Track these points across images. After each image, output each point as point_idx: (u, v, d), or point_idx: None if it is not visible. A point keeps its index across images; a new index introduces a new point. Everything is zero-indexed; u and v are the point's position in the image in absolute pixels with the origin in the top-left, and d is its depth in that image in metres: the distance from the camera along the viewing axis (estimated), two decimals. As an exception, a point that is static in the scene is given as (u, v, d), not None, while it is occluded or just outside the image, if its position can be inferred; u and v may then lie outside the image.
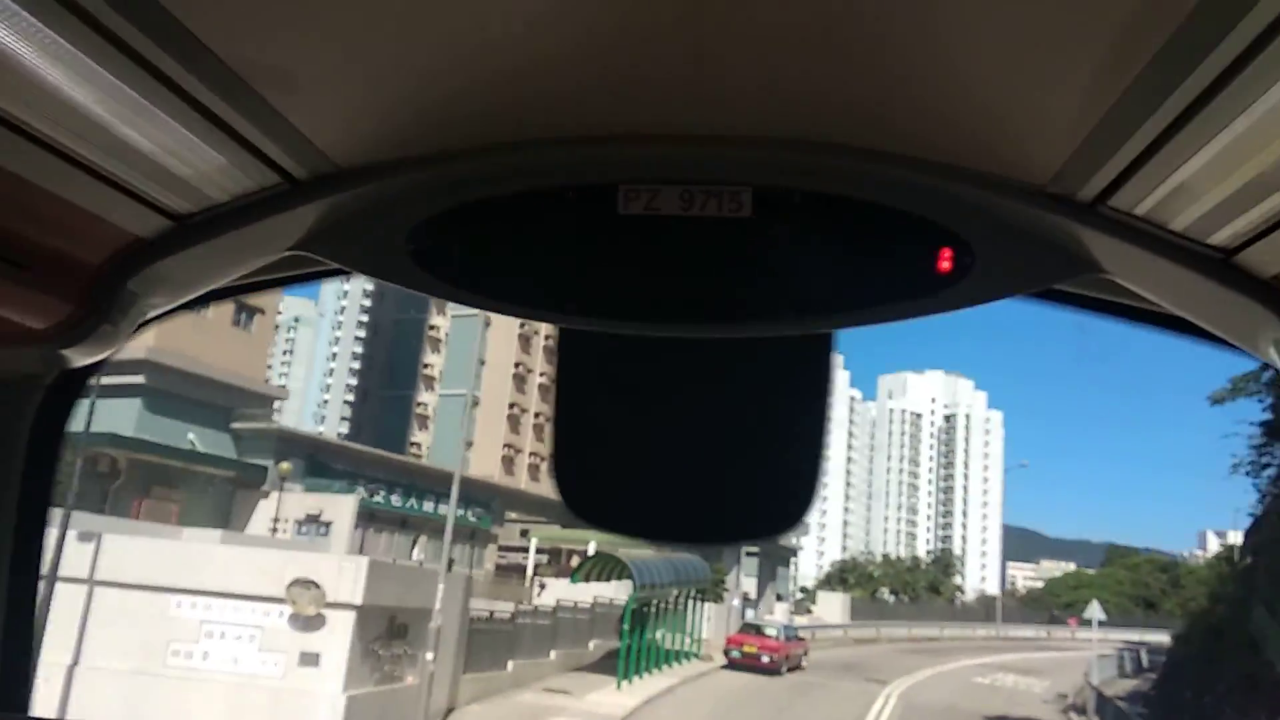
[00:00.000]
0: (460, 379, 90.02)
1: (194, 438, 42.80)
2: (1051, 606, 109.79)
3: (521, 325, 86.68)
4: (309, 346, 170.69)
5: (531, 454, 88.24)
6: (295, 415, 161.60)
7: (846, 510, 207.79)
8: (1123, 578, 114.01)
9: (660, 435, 1.61)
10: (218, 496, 42.97)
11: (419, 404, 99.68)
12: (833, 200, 1.41)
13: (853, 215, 1.41)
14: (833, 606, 76.06)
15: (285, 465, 43.16)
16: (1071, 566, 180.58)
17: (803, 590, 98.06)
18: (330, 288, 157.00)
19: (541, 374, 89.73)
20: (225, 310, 45.41)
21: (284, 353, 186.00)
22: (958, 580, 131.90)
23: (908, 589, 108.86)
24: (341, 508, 44.71)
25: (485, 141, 1.41)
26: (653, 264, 1.43)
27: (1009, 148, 1.30)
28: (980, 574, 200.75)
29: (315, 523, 44.21)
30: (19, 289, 1.37)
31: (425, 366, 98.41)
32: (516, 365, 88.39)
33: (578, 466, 1.61)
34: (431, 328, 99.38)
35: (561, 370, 1.60)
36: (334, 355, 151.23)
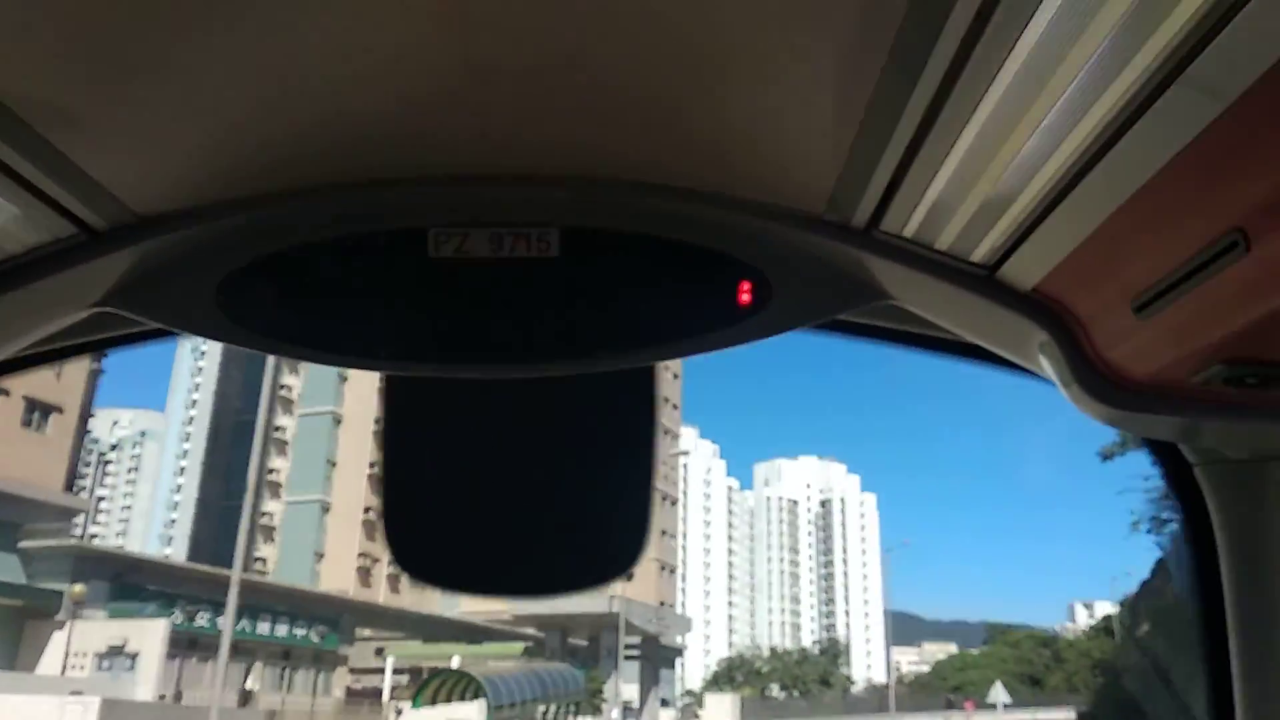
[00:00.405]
0: (309, 484, 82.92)
1: (-31, 561, 36.23)
2: (941, 691, 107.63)
3: (377, 422, 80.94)
4: (155, 461, 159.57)
5: (391, 563, 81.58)
6: (140, 538, 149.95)
7: (730, 605, 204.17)
8: (1006, 655, 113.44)
9: (488, 483, 1.62)
10: (2, 629, 36.26)
11: (264, 514, 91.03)
12: (636, 238, 1.48)
13: (656, 252, 1.48)
14: (722, 709, 71.42)
15: (78, 588, 36.96)
16: (953, 648, 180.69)
17: (689, 694, 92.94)
18: (179, 394, 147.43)
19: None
20: (12, 408, 39.28)
21: (129, 470, 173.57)
22: (847, 670, 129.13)
23: (798, 683, 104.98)
24: (150, 635, 38.44)
25: (291, 186, 1.41)
26: (465, 306, 1.46)
27: (784, 178, 1.38)
28: (866, 661, 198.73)
29: (119, 654, 37.86)
30: None
31: (270, 472, 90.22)
32: (372, 465, 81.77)
33: (407, 520, 1.62)
34: (276, 428, 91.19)
35: (387, 421, 1.61)
36: (182, 470, 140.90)
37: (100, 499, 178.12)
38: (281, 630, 48.43)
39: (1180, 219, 1.08)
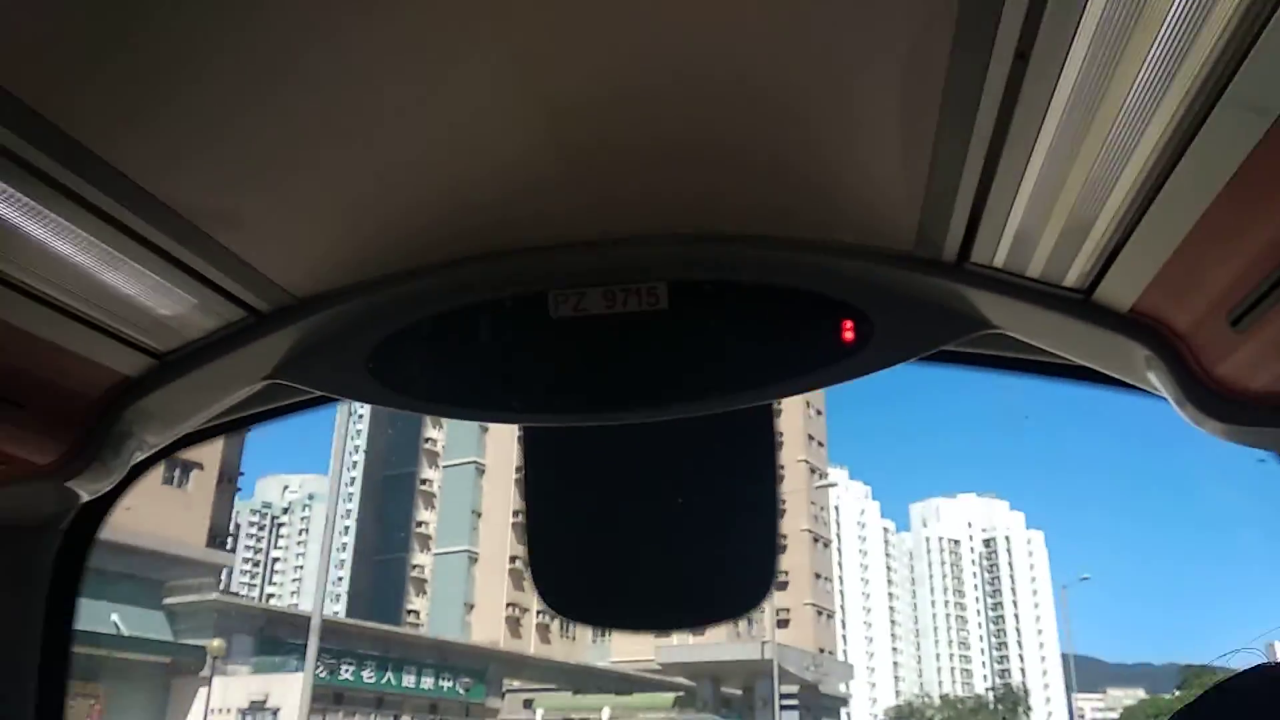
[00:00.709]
0: (456, 535, 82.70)
1: (118, 618, 36.20)
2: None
3: (518, 470, 79.88)
4: (323, 522, 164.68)
5: (540, 613, 79.78)
6: (312, 597, 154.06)
7: (895, 651, 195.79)
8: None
9: (622, 525, 1.75)
10: (150, 686, 36.08)
11: (414, 566, 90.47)
12: (740, 286, 1.58)
13: (759, 297, 1.58)
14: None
15: (217, 643, 36.42)
16: (1141, 693, 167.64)
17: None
18: (340, 457, 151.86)
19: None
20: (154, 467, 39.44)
21: (300, 532, 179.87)
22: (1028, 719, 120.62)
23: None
24: (291, 690, 37.62)
25: (425, 263, 1.57)
26: (585, 359, 1.61)
27: (872, 219, 1.45)
28: (1046, 709, 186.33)
29: (261, 709, 37.26)
30: (20, 429, 1.53)
31: (419, 525, 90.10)
32: (515, 514, 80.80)
33: (550, 562, 1.75)
34: (423, 481, 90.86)
35: (526, 470, 1.75)
36: (347, 529, 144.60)
37: (275, 559, 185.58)
38: (428, 682, 47.41)
39: (1259, 230, 1.09)
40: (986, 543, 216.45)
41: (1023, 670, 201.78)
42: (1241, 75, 0.92)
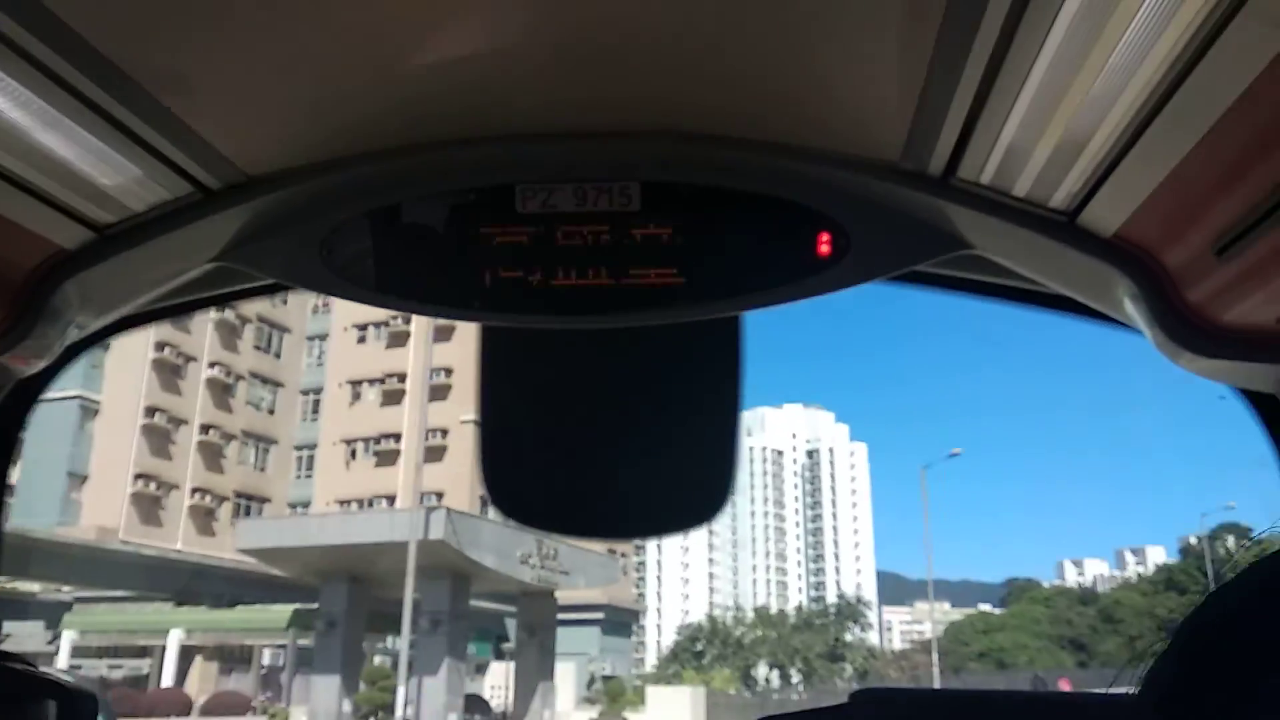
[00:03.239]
0: (66, 376, 57.19)
1: None
2: (965, 659, 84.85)
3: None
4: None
5: (197, 490, 56.63)
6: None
7: (711, 562, 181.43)
8: (1039, 615, 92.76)
9: (579, 430, 1.73)
10: None
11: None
12: (715, 191, 1.55)
13: (734, 204, 1.55)
14: (673, 713, 44.84)
15: None
16: (947, 607, 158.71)
17: (640, 679, 68.48)
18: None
19: (212, 364, 58.78)
20: None
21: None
22: (871, 637, 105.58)
23: (796, 659, 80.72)
24: None
25: (386, 146, 1.53)
26: (551, 258, 1.55)
27: (859, 127, 1.43)
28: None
29: None
30: None
31: (17, 360, 64.68)
32: (160, 349, 56.32)
33: (507, 467, 1.73)
34: None
35: (483, 369, 1.73)
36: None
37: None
38: None
39: (1254, 157, 1.07)
40: (810, 454, 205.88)
41: (839, 584, 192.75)
42: None
